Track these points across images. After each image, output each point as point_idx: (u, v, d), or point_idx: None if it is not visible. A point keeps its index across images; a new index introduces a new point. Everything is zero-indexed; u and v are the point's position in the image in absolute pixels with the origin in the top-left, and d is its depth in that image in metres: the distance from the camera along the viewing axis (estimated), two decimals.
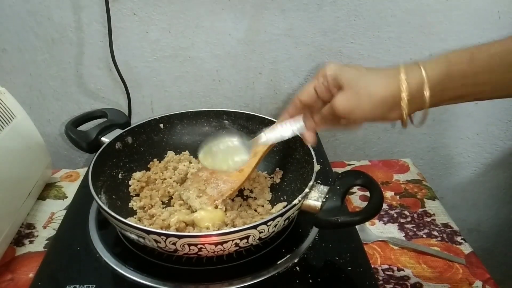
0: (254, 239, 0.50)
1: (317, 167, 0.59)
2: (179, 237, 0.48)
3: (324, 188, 0.56)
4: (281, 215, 0.51)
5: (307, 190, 0.54)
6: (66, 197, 0.76)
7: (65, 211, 0.71)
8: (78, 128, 0.72)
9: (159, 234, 0.48)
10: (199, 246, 0.48)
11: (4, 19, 0.82)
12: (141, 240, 0.50)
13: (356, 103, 0.46)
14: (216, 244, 0.49)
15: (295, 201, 0.52)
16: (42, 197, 0.76)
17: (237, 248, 0.51)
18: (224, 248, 0.49)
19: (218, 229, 0.57)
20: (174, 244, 0.48)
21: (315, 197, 0.54)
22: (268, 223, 0.50)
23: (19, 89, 0.89)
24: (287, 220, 0.53)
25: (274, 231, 0.52)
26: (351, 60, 0.90)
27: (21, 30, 0.83)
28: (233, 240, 0.49)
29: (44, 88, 0.90)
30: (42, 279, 0.54)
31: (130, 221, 0.51)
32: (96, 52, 0.86)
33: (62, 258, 0.58)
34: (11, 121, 0.67)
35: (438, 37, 0.88)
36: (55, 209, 0.73)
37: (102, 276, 0.55)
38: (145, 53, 0.87)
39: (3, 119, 0.65)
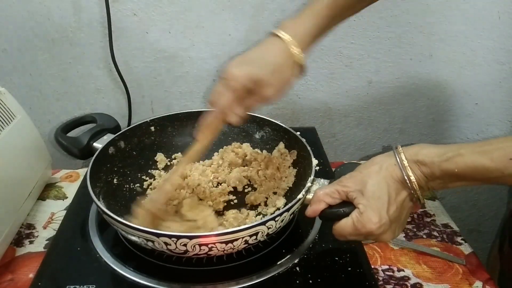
0: (263, 235, 0.51)
1: (315, 161, 0.59)
2: (191, 237, 0.47)
3: (325, 182, 0.56)
4: (288, 210, 0.52)
5: (308, 184, 0.54)
6: (66, 198, 0.76)
7: (65, 211, 0.71)
8: (67, 135, 0.71)
9: (170, 236, 0.47)
10: (209, 246, 0.49)
11: (4, 19, 0.82)
12: (150, 243, 0.50)
13: None
14: (226, 243, 0.49)
15: (299, 196, 0.53)
16: (42, 197, 0.76)
17: (246, 245, 0.51)
18: (234, 246, 0.50)
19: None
20: (185, 245, 0.48)
21: None
22: (276, 219, 0.51)
23: (19, 89, 0.89)
24: (292, 215, 0.54)
25: (280, 226, 0.53)
26: (351, 60, 0.90)
27: (21, 30, 0.83)
28: (243, 238, 0.49)
29: (44, 88, 0.90)
30: (42, 280, 0.54)
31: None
32: (96, 52, 0.86)
33: (62, 258, 0.58)
34: (11, 121, 0.67)
35: (438, 37, 0.88)
36: (55, 210, 0.73)
37: (102, 276, 0.55)
38: (145, 53, 0.87)
39: (3, 119, 0.65)
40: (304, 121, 0.98)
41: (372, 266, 0.59)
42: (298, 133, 0.68)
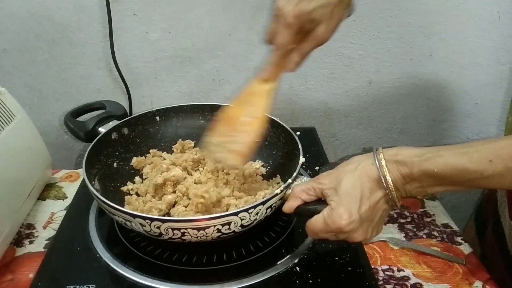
0: (236, 226, 0.51)
1: (302, 159, 0.60)
2: (163, 221, 0.49)
3: (307, 179, 0.56)
4: (263, 203, 0.52)
5: (290, 180, 0.55)
6: (66, 198, 0.76)
7: (65, 211, 0.71)
8: (77, 119, 0.74)
9: (144, 218, 0.49)
10: (182, 231, 0.50)
11: (4, 19, 0.82)
12: (128, 223, 0.52)
13: None
14: (198, 229, 0.50)
15: (277, 191, 0.53)
16: (42, 197, 0.76)
17: (220, 234, 0.51)
18: (206, 234, 0.50)
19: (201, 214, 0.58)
20: (158, 228, 0.49)
21: None
22: (249, 211, 0.51)
23: (19, 89, 0.89)
24: (269, 209, 0.54)
25: (256, 219, 0.53)
26: (351, 60, 0.90)
27: (21, 30, 0.83)
28: (214, 226, 0.50)
29: (44, 88, 0.90)
30: (42, 280, 0.54)
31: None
32: (96, 52, 0.86)
33: (62, 258, 0.58)
34: (11, 121, 0.67)
35: (438, 37, 0.88)
36: (55, 210, 0.73)
37: (102, 276, 0.55)
38: (145, 53, 0.87)
39: (3, 119, 0.65)
40: (304, 121, 0.98)
41: (372, 266, 0.59)
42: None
